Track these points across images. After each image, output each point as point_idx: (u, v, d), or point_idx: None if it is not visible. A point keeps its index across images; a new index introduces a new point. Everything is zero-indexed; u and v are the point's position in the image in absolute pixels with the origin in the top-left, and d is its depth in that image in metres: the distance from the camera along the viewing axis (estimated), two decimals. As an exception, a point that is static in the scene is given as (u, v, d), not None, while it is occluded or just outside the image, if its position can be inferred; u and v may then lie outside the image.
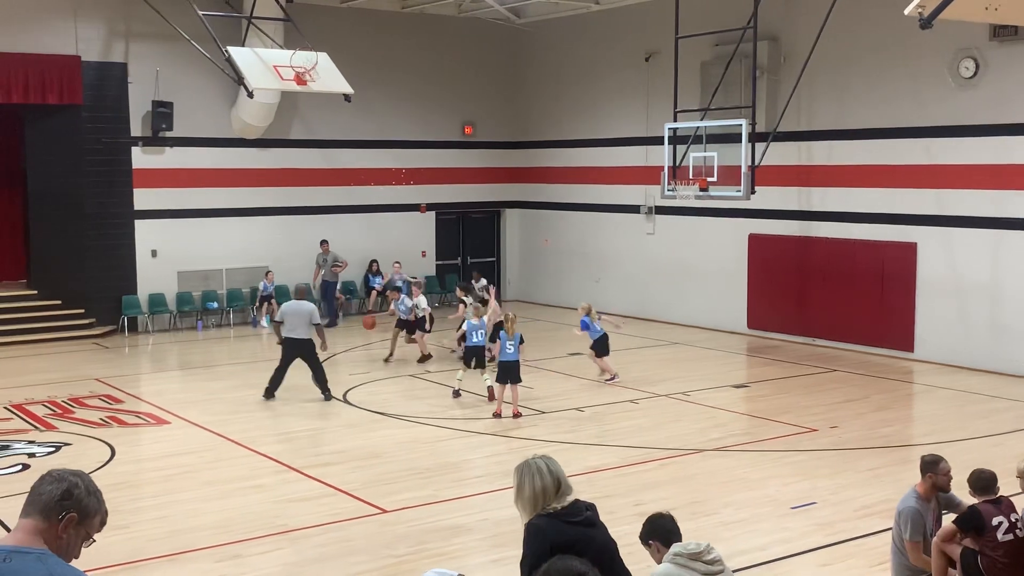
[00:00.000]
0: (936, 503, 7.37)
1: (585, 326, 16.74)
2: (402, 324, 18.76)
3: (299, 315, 15.41)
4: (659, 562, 5.45)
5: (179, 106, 22.10)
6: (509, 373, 14.56)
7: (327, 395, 15.62)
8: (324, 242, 23.59)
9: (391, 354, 18.67)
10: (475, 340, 15.55)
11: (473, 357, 15.56)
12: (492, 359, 15.82)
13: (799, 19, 19.61)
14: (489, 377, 15.39)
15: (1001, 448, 12.52)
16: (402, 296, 18.97)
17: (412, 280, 22.06)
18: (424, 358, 18.34)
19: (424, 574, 4.12)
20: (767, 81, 19.94)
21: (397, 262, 23.66)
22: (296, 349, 15.52)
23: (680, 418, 14.60)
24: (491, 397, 15.15)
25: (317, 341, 15.61)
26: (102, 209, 21.84)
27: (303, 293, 16.17)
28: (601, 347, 16.77)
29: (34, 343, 20.57)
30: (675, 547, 5.42)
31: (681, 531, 5.65)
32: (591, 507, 5.25)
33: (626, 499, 10.88)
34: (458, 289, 19.63)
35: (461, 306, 18.26)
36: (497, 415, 14.46)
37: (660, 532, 5.59)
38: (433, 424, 14.23)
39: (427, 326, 18.79)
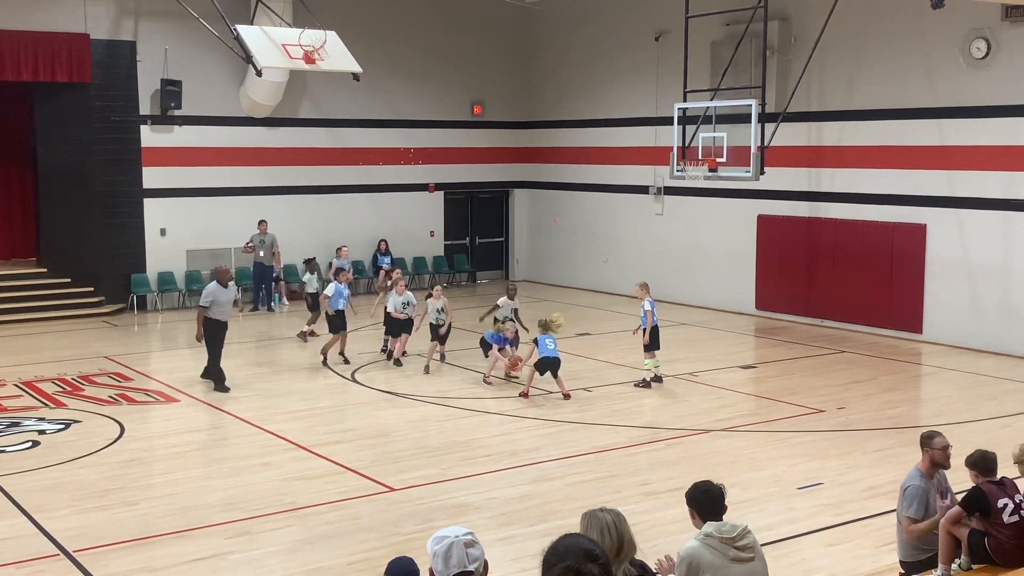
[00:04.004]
0: (943, 477, 7.36)
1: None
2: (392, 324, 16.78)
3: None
4: (697, 527, 5.44)
5: (188, 85, 22.09)
6: (551, 367, 14.28)
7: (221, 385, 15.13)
8: (262, 222, 22.29)
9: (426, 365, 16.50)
10: (549, 349, 14.30)
11: (547, 369, 14.37)
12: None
13: (810, -1, 19.50)
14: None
15: (1010, 430, 12.52)
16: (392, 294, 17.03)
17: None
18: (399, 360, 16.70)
19: (441, 531, 4.13)
20: (777, 61, 19.84)
21: (344, 246, 22.15)
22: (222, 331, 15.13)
23: (688, 398, 14.62)
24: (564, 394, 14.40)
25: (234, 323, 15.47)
26: (111, 187, 21.87)
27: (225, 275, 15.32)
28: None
29: (44, 321, 20.63)
30: (710, 526, 5.36)
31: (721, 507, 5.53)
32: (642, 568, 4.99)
33: (634, 478, 10.92)
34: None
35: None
36: (524, 395, 14.35)
37: (700, 504, 5.51)
38: (442, 403, 14.26)
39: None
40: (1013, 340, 17.29)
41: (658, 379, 15.19)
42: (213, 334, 14.97)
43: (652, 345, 15.04)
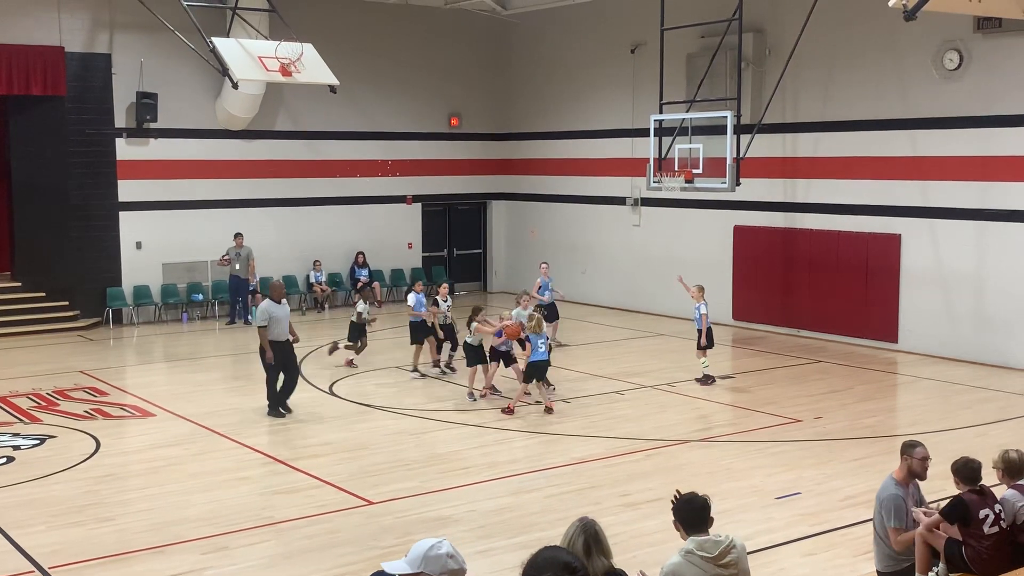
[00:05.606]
0: (916, 487, 7.40)
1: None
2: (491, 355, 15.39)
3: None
4: (683, 539, 5.42)
5: (164, 97, 22.00)
6: (539, 372, 14.27)
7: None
8: (238, 235, 22.09)
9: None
10: (540, 352, 14.27)
11: (535, 374, 14.33)
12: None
13: (784, 11, 19.64)
14: None
15: (985, 438, 12.61)
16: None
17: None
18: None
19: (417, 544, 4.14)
20: (752, 73, 19.98)
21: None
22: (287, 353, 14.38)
23: (665, 409, 14.65)
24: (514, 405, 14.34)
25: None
26: (86, 201, 21.74)
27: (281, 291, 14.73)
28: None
29: (18, 335, 20.46)
30: (692, 542, 5.30)
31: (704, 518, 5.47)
32: None
33: (612, 490, 10.92)
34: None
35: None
36: (509, 410, 14.20)
37: (684, 518, 5.46)
38: (420, 416, 14.23)
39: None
40: (987, 349, 17.42)
41: (711, 379, 15.80)
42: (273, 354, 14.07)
43: (707, 344, 15.97)
